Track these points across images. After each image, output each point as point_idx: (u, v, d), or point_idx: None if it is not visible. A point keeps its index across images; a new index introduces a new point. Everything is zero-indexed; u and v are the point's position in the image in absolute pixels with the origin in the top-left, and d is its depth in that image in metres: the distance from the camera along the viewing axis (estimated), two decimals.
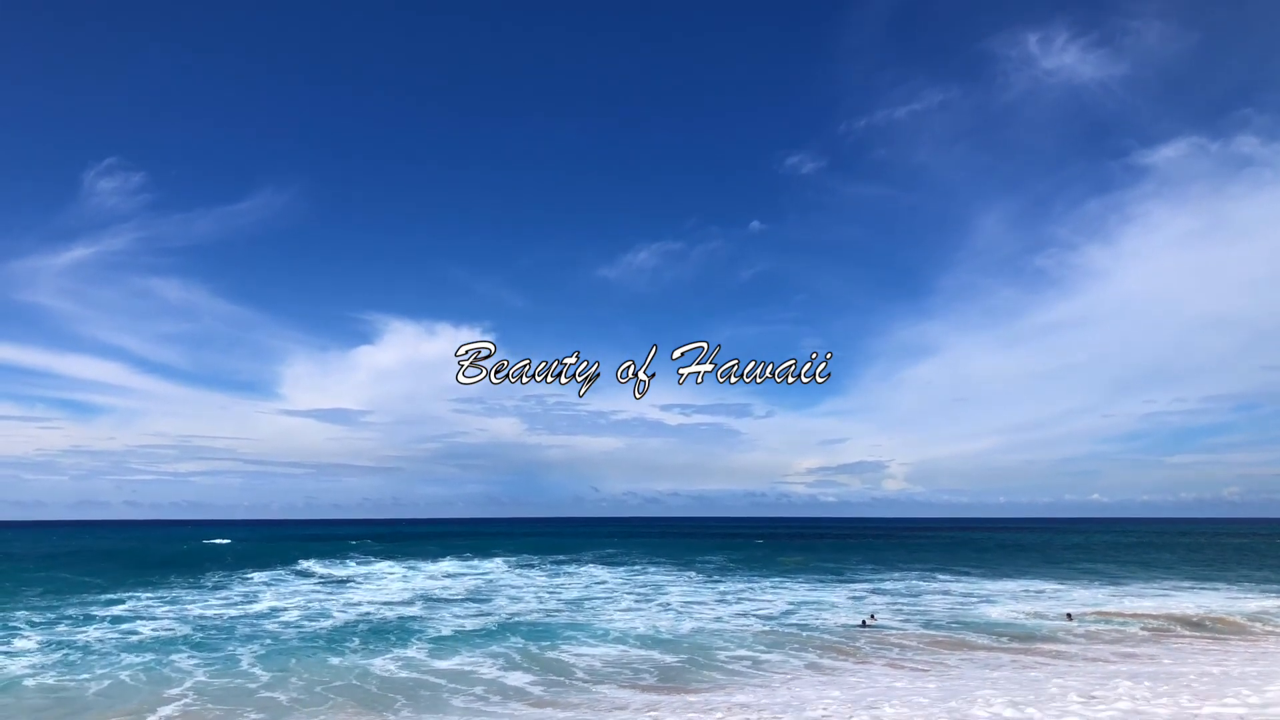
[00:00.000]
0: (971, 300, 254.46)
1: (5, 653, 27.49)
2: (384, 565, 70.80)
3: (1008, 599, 43.40)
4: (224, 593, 47.33)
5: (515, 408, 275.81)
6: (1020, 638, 30.63)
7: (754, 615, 36.86)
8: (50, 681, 23.27)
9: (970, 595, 45.42)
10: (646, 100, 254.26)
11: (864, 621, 33.91)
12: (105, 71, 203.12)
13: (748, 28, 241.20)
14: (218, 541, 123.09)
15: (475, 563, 73.70)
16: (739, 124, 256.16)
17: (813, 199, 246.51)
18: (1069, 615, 36.03)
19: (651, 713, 19.18)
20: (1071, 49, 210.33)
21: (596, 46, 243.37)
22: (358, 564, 71.85)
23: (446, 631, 32.12)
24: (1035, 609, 38.70)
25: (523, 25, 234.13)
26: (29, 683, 23.13)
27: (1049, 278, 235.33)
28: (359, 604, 41.77)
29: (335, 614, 37.63)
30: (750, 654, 27.46)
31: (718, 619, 35.55)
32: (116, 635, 31.06)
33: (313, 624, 34.32)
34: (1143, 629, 32.91)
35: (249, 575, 60.09)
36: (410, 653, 27.61)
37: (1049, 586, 50.60)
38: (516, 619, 35.56)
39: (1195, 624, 34.15)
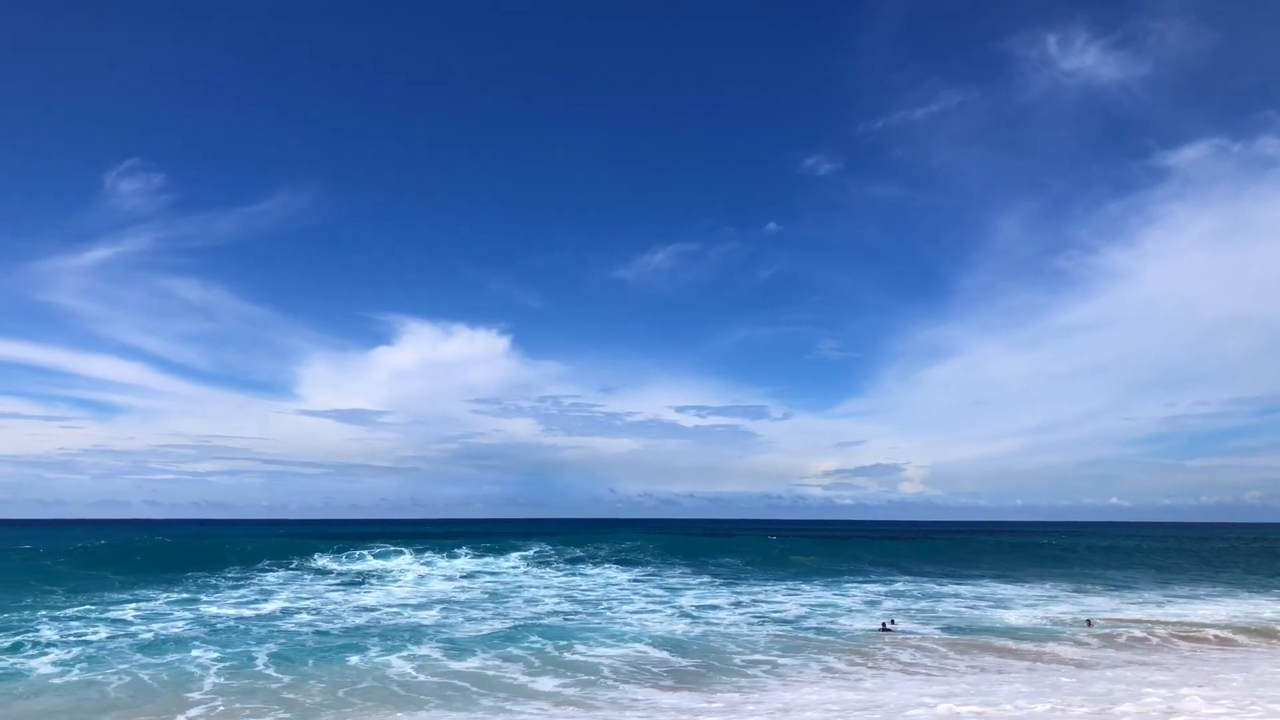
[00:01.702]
0: (990, 301, 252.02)
1: (28, 652, 27.69)
2: (401, 564, 71.01)
3: (1026, 604, 43.12)
4: (241, 591, 47.56)
5: (531, 409, 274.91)
6: (1040, 643, 30.41)
7: (770, 619, 36.74)
8: (73, 680, 23.42)
9: (989, 599, 45.14)
10: (662, 101, 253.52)
11: (884, 625, 33.73)
12: (127, 72, 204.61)
13: (763, 28, 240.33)
14: (236, 540, 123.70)
15: (492, 562, 73.83)
16: (756, 125, 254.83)
17: (830, 200, 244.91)
18: (1089, 621, 35.75)
19: (676, 716, 19.14)
20: (1091, 49, 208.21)
21: (612, 46, 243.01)
22: (375, 563, 72.09)
23: (465, 631, 32.16)
24: (1054, 614, 38.43)
25: (537, 25, 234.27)
26: (52, 682, 23.30)
27: (1069, 279, 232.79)
28: (376, 603, 41.90)
29: (352, 613, 37.75)
30: (767, 658, 27.36)
31: (734, 623, 35.46)
32: (135, 634, 31.24)
33: (330, 624, 34.44)
34: (1164, 635, 32.61)
35: (266, 574, 60.40)
36: (429, 652, 27.64)
37: (1068, 591, 50.23)
38: (534, 619, 35.57)
39: (1218, 630, 33.81)
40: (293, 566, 67.92)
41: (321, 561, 73.31)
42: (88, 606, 39.46)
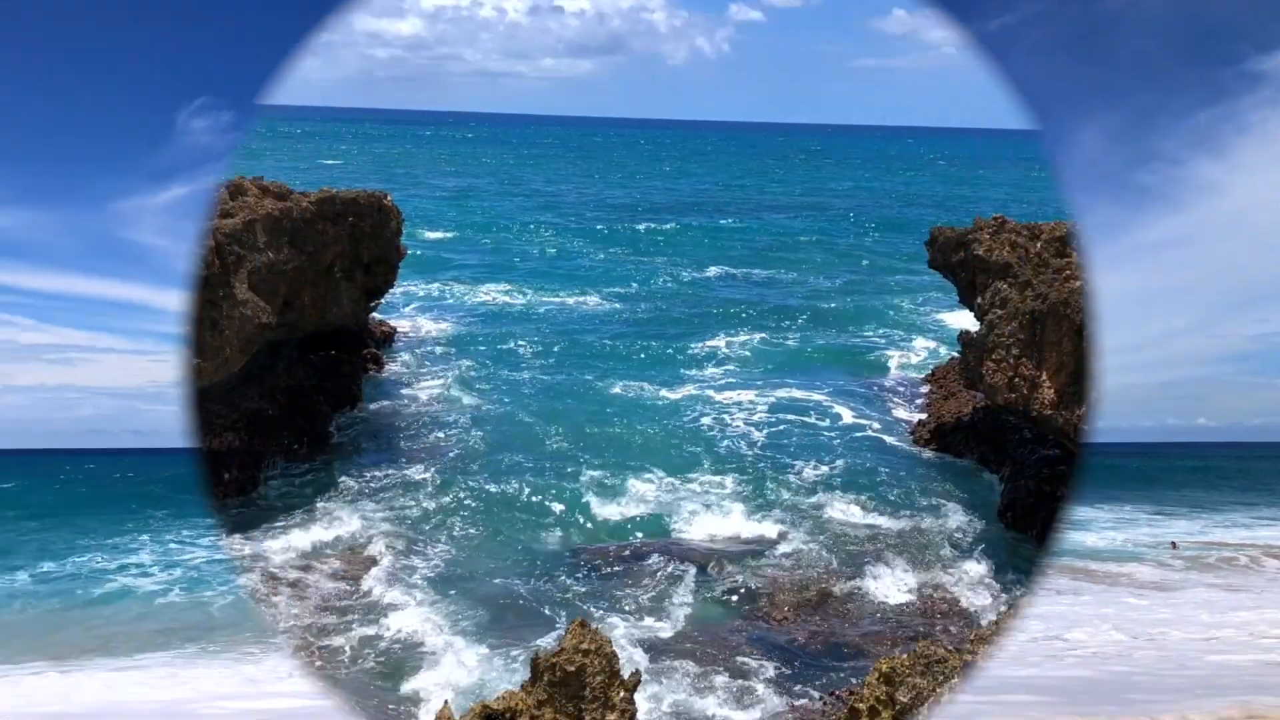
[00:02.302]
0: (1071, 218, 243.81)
1: (132, 573, 29.11)
2: None
3: (1106, 525, 42.20)
4: None
5: None
6: (1121, 564, 29.96)
7: None
8: (177, 600, 24.71)
9: (1066, 522, 44.35)
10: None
11: None
12: (191, 6, 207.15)
13: None
14: None
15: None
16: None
17: None
18: (1174, 543, 34.93)
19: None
20: None
21: None
22: None
23: None
24: (1136, 536, 37.64)
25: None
26: (158, 602, 24.62)
27: (1153, 194, 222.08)
28: None
29: None
30: None
31: None
32: (230, 556, 32.54)
33: None
34: (1254, 555, 31.76)
35: None
36: None
37: (1150, 513, 49.00)
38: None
39: None
40: None
41: None
42: (184, 531, 41.16)
